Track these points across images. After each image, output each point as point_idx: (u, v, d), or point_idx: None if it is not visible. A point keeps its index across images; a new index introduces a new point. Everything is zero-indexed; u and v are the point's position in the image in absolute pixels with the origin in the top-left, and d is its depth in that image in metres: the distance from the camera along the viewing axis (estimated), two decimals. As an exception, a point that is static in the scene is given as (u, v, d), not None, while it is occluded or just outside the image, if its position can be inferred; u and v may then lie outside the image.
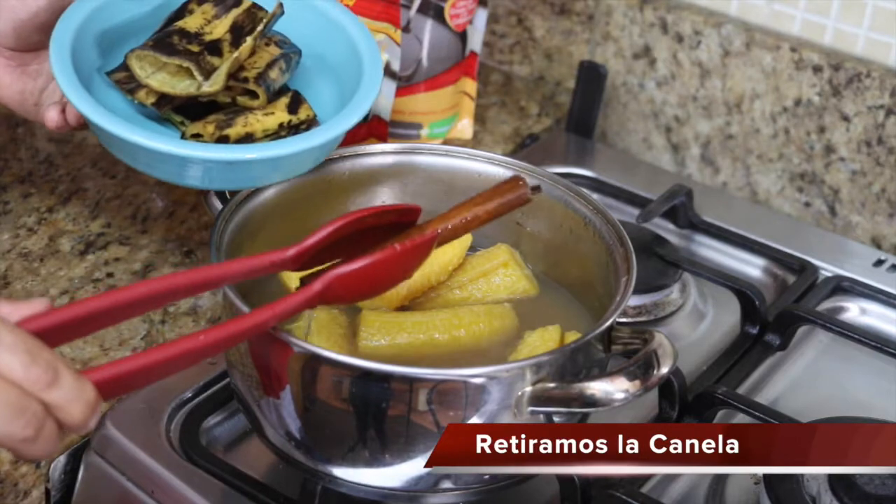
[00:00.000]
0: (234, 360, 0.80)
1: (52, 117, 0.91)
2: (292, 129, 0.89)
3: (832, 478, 0.81)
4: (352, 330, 0.82)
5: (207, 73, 0.87)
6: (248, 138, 0.87)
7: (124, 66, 0.88)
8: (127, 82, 0.88)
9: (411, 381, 0.73)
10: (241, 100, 0.89)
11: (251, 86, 0.88)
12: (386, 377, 0.72)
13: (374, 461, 0.75)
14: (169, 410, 0.87)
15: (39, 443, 0.59)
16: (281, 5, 0.91)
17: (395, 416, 0.73)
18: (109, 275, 0.99)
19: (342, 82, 0.92)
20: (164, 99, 0.88)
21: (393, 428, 0.74)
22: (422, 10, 1.14)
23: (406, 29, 1.14)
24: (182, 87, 0.87)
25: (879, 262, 1.10)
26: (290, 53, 0.91)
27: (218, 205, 0.86)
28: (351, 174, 0.91)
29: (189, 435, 0.85)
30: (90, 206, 1.06)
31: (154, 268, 1.00)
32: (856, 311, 1.05)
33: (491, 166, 0.91)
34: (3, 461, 0.82)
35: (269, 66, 0.89)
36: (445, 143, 1.20)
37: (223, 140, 0.86)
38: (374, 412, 0.73)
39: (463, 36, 1.19)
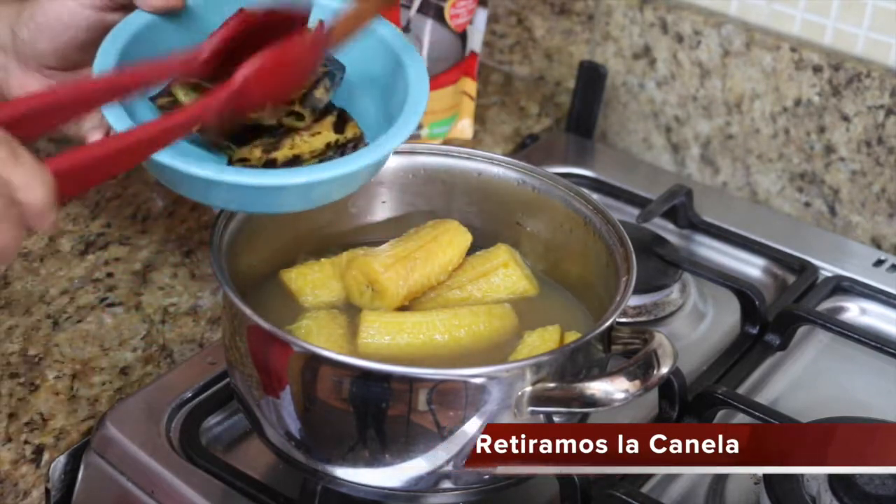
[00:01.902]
0: (234, 360, 0.80)
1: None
2: (339, 149, 0.86)
3: (832, 478, 0.81)
4: (352, 330, 0.82)
5: None
6: (295, 160, 0.84)
7: (167, 92, 0.86)
8: (171, 108, 0.85)
9: (411, 381, 0.73)
10: (287, 121, 0.86)
11: (297, 108, 0.86)
12: (386, 377, 0.72)
13: (374, 461, 0.75)
14: (169, 410, 0.87)
15: (3, 225, 0.63)
16: (322, 23, 0.86)
17: (395, 416, 0.73)
18: (109, 275, 0.99)
19: (386, 96, 0.90)
20: None
21: (393, 428, 0.74)
22: (422, 10, 1.14)
23: (406, 29, 1.14)
24: None
25: (879, 262, 1.10)
26: (334, 71, 0.88)
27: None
28: (351, 174, 0.91)
29: (189, 435, 0.85)
30: (90, 206, 1.06)
31: (154, 268, 1.00)
32: (856, 311, 1.05)
33: (491, 166, 0.91)
34: (3, 461, 0.83)
35: (315, 85, 0.86)
36: (445, 143, 1.20)
37: (271, 164, 0.84)
38: (374, 412, 0.73)
39: (463, 36, 1.19)
